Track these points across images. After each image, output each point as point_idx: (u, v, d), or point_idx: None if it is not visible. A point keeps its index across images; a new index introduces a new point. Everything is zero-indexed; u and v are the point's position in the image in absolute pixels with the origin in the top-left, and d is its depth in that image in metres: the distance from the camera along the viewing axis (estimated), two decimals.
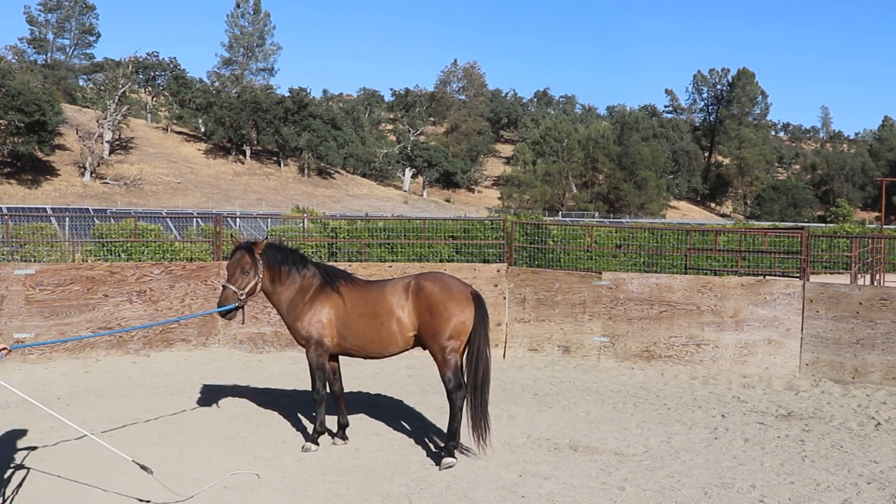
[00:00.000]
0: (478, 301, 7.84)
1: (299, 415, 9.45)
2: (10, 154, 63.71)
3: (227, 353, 13.13)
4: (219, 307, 7.95)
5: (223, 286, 7.97)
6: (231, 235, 8.75)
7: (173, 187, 72.67)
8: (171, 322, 12.43)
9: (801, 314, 12.07)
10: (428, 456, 8.01)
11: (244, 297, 7.96)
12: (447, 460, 7.59)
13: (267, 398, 10.23)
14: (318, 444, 8.15)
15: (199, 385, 10.91)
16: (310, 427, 8.71)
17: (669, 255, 18.30)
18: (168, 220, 26.60)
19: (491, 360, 7.87)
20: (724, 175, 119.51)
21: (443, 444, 7.95)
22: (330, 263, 10.42)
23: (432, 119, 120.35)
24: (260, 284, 8.10)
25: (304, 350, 8.27)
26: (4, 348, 6.45)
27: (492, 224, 19.00)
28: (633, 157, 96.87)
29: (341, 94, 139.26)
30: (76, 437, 8.24)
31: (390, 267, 13.68)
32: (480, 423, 7.64)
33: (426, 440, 8.55)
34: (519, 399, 10.56)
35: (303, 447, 8.11)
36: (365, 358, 8.30)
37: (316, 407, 8.24)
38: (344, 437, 8.40)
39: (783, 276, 16.08)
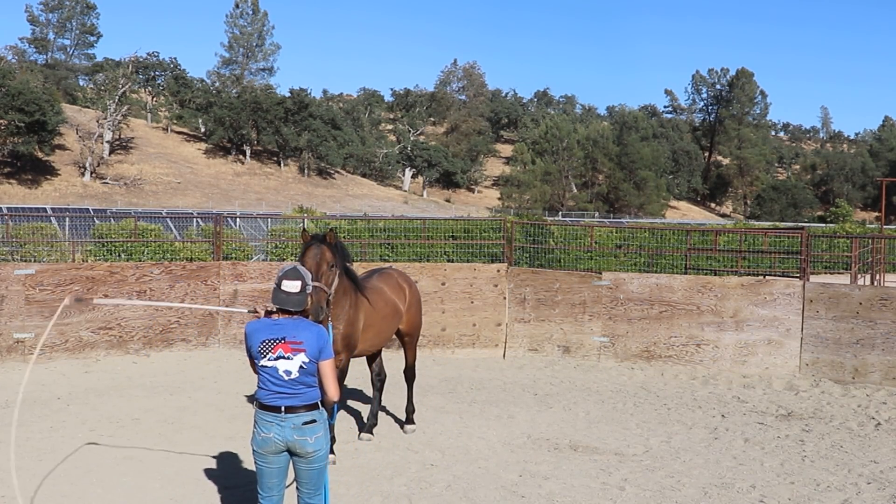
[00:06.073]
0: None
1: None
2: (10, 154, 63.69)
3: (227, 353, 13.12)
4: (311, 310, 6.50)
5: (312, 286, 6.20)
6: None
7: (173, 187, 72.65)
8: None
9: (801, 314, 12.07)
10: (428, 456, 8.01)
11: (331, 296, 7.24)
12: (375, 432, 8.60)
13: None
14: (333, 453, 7.52)
15: (199, 385, 10.92)
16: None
17: (669, 255, 18.27)
18: (168, 220, 26.52)
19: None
20: (724, 175, 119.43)
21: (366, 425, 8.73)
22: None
23: (432, 119, 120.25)
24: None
25: (335, 357, 7.69)
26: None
27: (492, 224, 19.00)
28: (632, 157, 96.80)
29: (341, 94, 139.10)
30: (75, 436, 8.23)
31: (390, 267, 13.67)
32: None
33: (426, 440, 8.55)
34: (519, 399, 10.56)
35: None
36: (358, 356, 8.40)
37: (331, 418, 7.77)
38: None
39: (783, 276, 16.07)
